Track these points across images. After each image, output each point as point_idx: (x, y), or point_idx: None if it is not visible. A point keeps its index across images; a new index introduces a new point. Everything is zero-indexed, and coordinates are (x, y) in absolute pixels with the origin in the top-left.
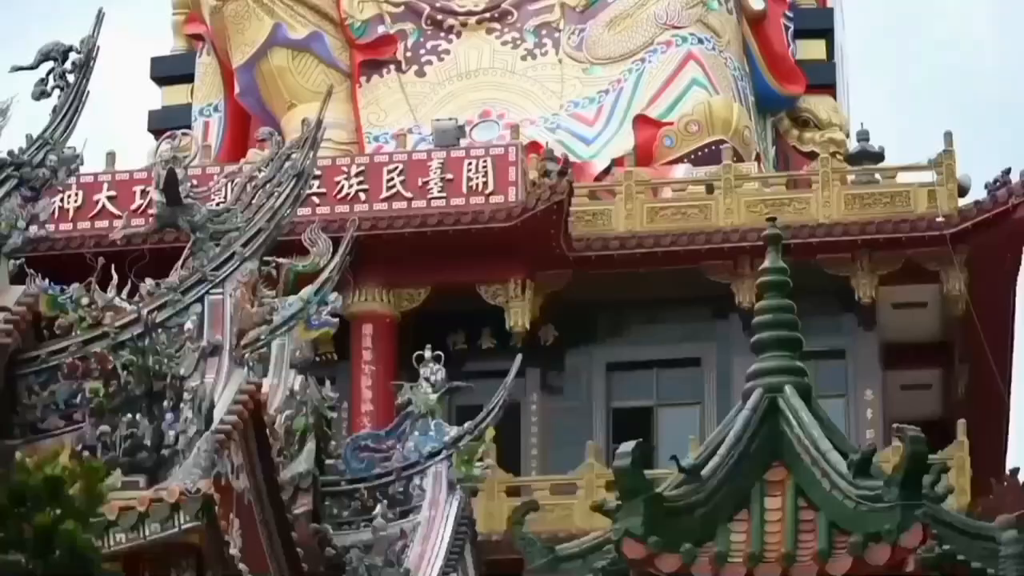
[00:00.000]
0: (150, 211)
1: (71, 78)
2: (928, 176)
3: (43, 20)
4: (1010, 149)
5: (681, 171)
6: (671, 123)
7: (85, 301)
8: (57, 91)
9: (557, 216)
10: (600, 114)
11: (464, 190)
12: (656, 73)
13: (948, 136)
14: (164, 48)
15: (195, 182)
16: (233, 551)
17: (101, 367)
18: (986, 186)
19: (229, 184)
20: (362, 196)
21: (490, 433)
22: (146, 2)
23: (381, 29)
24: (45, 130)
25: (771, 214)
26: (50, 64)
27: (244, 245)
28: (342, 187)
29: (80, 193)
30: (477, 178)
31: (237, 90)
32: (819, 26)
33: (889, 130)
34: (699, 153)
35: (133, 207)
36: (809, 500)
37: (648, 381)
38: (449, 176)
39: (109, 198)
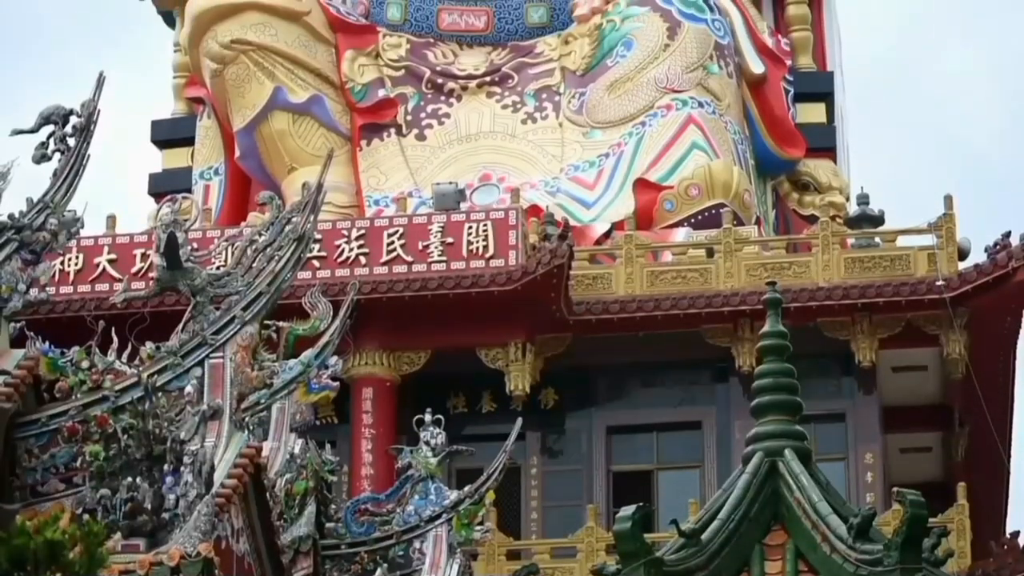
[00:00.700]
0: (151, 274)
1: (72, 142)
2: (928, 239)
3: (42, 82)
4: (1010, 212)
5: (681, 234)
6: (671, 187)
7: (85, 364)
8: (58, 155)
9: (557, 280)
10: (600, 178)
11: (464, 254)
12: (656, 137)
13: (948, 199)
14: (165, 111)
15: (195, 245)
16: None
17: (101, 430)
18: (986, 249)
19: (229, 247)
20: (362, 260)
21: (490, 496)
22: (147, 65)
23: (382, 93)
24: (46, 194)
25: (771, 278)
26: (51, 128)
27: (244, 309)
28: (343, 251)
29: (81, 256)
30: (477, 242)
31: (237, 153)
32: (819, 90)
33: (889, 193)
34: (699, 217)
35: (134, 270)
36: (809, 564)
37: (648, 444)
38: (449, 240)
39: (110, 261)
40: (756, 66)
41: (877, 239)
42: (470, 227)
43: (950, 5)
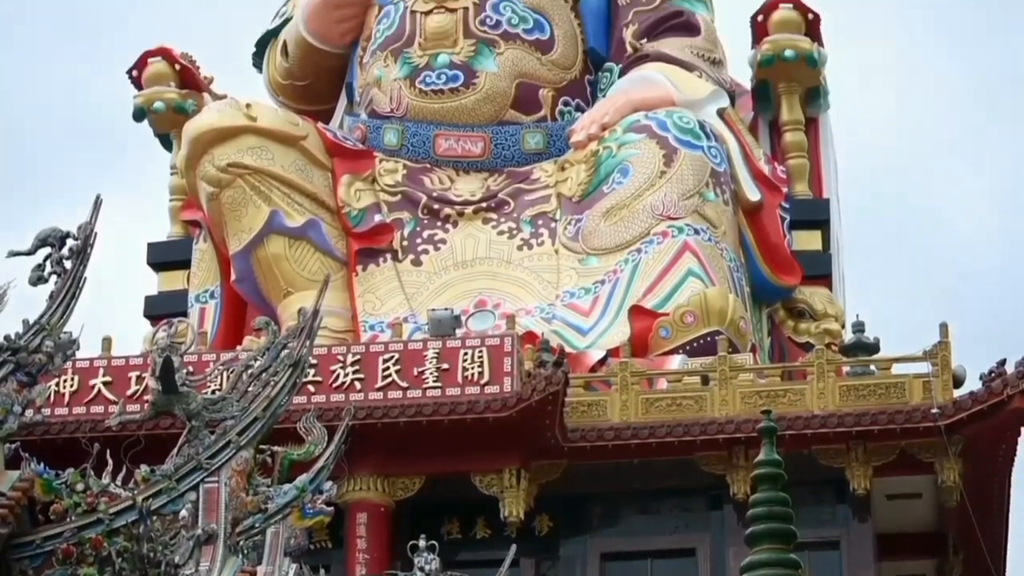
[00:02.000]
0: (146, 397)
1: (68, 264)
2: (924, 367)
3: (39, 202)
4: (1006, 338)
5: (676, 362)
6: (667, 314)
7: (80, 486)
8: (54, 277)
9: (552, 407)
10: (596, 304)
11: (459, 380)
12: (652, 264)
13: (944, 327)
14: (161, 234)
15: (191, 369)
16: None
17: (96, 553)
18: (981, 377)
19: (225, 372)
20: (358, 385)
21: None
22: (143, 188)
23: (378, 218)
24: (42, 316)
25: (766, 405)
26: (47, 250)
27: (240, 433)
28: (338, 375)
29: (76, 378)
30: (473, 368)
31: (233, 277)
32: (815, 217)
33: (885, 319)
34: (695, 344)
35: (129, 393)
36: None
37: (643, 571)
38: (445, 366)
39: (105, 383)
40: (752, 193)
41: (872, 367)
42: (465, 353)
43: (946, 130)
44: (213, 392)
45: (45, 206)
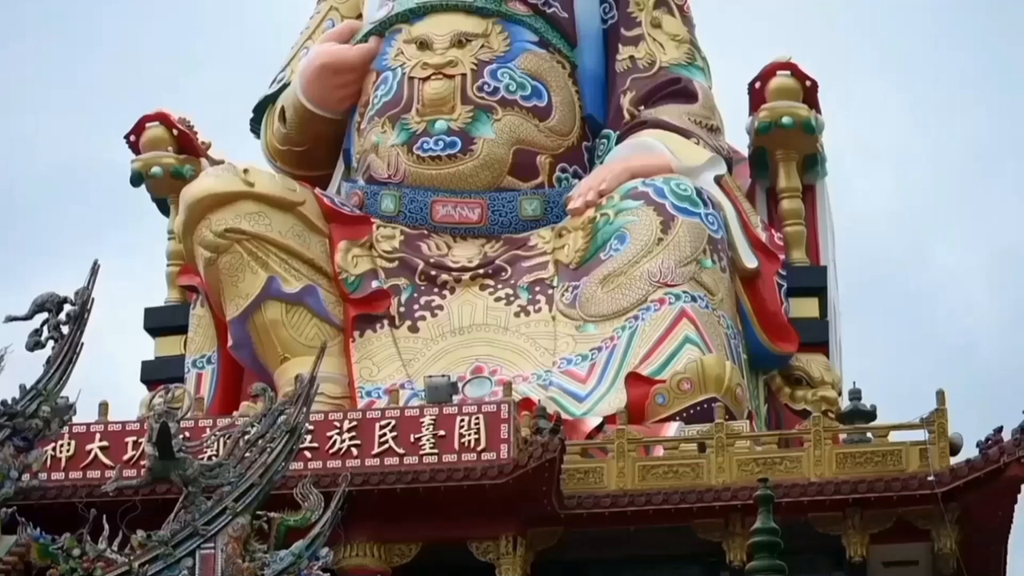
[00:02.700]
0: (143, 463)
1: (65, 330)
2: (920, 435)
3: (36, 266)
4: (1002, 405)
5: (673, 429)
6: (663, 381)
7: (77, 552)
8: (51, 342)
9: (549, 474)
10: (593, 371)
11: (456, 447)
12: (649, 331)
13: (940, 395)
14: (158, 299)
15: (187, 435)
16: None
17: None
18: (978, 444)
19: (222, 438)
20: (354, 451)
21: None
22: (141, 253)
23: (375, 284)
24: (39, 381)
25: (763, 473)
26: (44, 315)
27: (236, 500)
28: (334, 442)
29: (72, 443)
30: (469, 435)
31: (230, 343)
32: (812, 284)
33: (882, 386)
34: (691, 411)
35: (126, 458)
36: None
37: None
38: (441, 432)
39: (102, 448)
40: (750, 261)
41: (869, 434)
42: (462, 420)
43: (943, 197)
44: (210, 458)
45: (42, 269)
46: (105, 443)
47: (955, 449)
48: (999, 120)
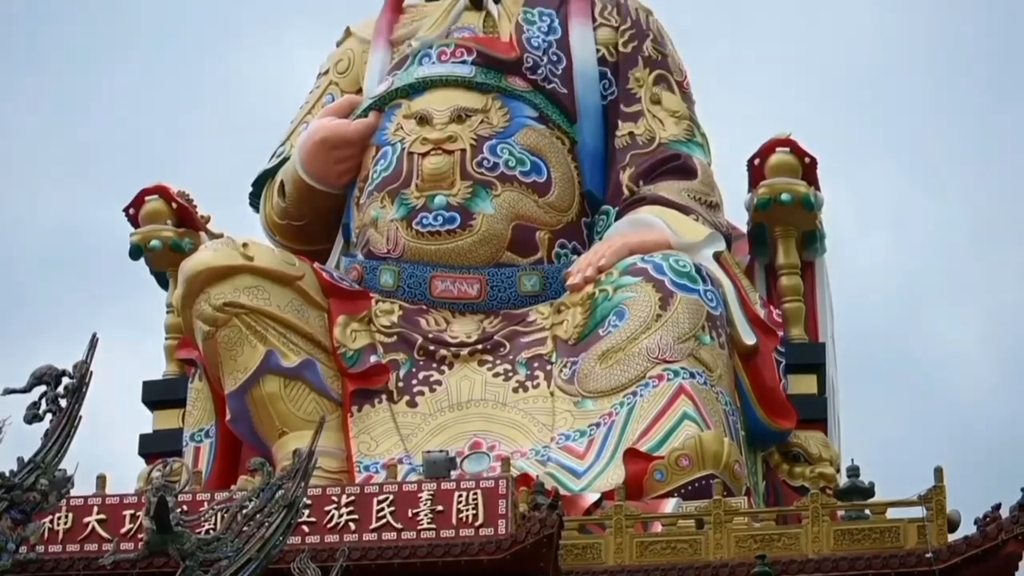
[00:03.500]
0: (140, 536)
1: (63, 403)
2: (918, 512)
3: (34, 338)
4: (1001, 481)
5: (671, 505)
6: (661, 457)
7: None
8: (49, 415)
9: (547, 550)
10: (591, 447)
11: (454, 522)
12: (647, 407)
13: (938, 471)
14: (156, 372)
15: (185, 508)
16: None
17: None
18: (976, 521)
19: (220, 512)
20: (352, 526)
21: None
22: (139, 326)
23: (373, 359)
24: (37, 454)
25: (761, 549)
26: (43, 388)
27: (234, 574)
28: (332, 516)
29: (70, 515)
30: (467, 510)
31: (228, 416)
32: (811, 361)
33: (880, 462)
34: (689, 487)
35: (123, 531)
36: None
37: None
38: (439, 507)
39: (99, 521)
40: (748, 337)
41: (867, 511)
42: (460, 495)
43: (943, 274)
44: (207, 532)
45: (40, 342)
46: (103, 516)
47: (953, 526)
48: (1000, 194)
